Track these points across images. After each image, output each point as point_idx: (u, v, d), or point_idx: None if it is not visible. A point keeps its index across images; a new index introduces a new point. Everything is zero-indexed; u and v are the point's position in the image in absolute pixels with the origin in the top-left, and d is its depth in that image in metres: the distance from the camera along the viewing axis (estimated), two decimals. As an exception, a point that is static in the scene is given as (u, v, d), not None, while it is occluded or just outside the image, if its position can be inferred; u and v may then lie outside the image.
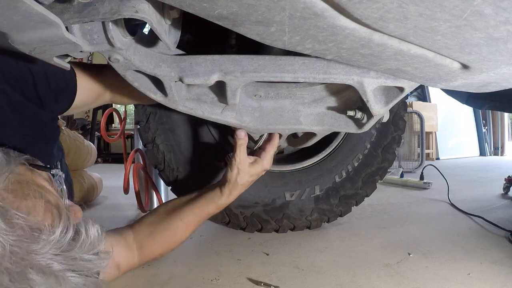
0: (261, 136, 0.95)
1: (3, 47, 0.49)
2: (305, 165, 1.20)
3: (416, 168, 3.29)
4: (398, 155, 3.40)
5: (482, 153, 5.48)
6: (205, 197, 0.89)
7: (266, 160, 0.90)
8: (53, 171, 0.56)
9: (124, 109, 2.40)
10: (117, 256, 0.78)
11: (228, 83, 0.72)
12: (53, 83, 0.73)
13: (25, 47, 0.49)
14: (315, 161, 1.20)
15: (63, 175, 0.56)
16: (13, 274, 0.38)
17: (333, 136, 1.17)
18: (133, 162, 1.51)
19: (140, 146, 1.53)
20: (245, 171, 0.88)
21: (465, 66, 0.60)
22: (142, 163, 1.56)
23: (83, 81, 0.81)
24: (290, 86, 0.89)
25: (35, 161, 0.55)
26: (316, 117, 0.92)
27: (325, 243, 1.10)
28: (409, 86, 0.73)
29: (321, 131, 0.94)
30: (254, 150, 0.96)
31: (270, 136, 0.93)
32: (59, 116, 0.88)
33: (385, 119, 0.94)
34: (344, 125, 0.91)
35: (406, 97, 0.96)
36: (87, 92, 0.84)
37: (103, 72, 0.86)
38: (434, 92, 4.77)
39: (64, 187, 0.55)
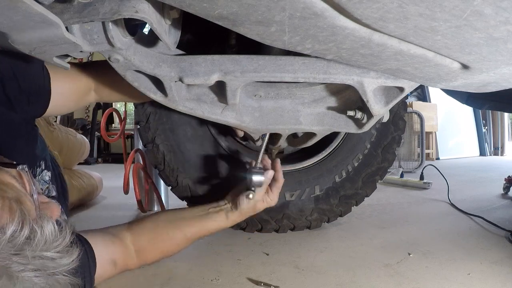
0: (261, 136, 0.95)
1: (1, 47, 0.48)
2: (305, 165, 1.20)
3: (416, 168, 3.29)
4: (398, 155, 3.40)
5: (482, 153, 5.48)
6: (210, 217, 0.93)
7: (274, 200, 0.98)
8: (19, 167, 0.54)
9: (124, 109, 2.40)
10: (112, 253, 0.79)
11: (228, 83, 0.72)
12: (24, 85, 0.71)
13: (25, 47, 0.49)
14: (315, 161, 1.20)
15: (26, 168, 0.54)
16: None
17: (333, 136, 1.17)
18: (133, 162, 1.51)
19: (140, 146, 1.53)
20: (257, 208, 0.96)
21: (465, 66, 0.60)
22: (142, 163, 1.56)
23: (61, 83, 0.79)
24: (290, 86, 0.89)
25: (1, 159, 0.54)
26: (316, 117, 0.92)
27: (325, 243, 1.10)
28: (409, 86, 0.73)
29: (321, 131, 0.94)
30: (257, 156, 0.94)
31: (276, 178, 0.96)
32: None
33: (385, 119, 0.94)
34: (344, 125, 0.91)
35: (406, 97, 0.96)
36: (66, 94, 0.82)
37: (84, 72, 0.84)
38: (434, 92, 4.77)
39: (33, 179, 0.54)
